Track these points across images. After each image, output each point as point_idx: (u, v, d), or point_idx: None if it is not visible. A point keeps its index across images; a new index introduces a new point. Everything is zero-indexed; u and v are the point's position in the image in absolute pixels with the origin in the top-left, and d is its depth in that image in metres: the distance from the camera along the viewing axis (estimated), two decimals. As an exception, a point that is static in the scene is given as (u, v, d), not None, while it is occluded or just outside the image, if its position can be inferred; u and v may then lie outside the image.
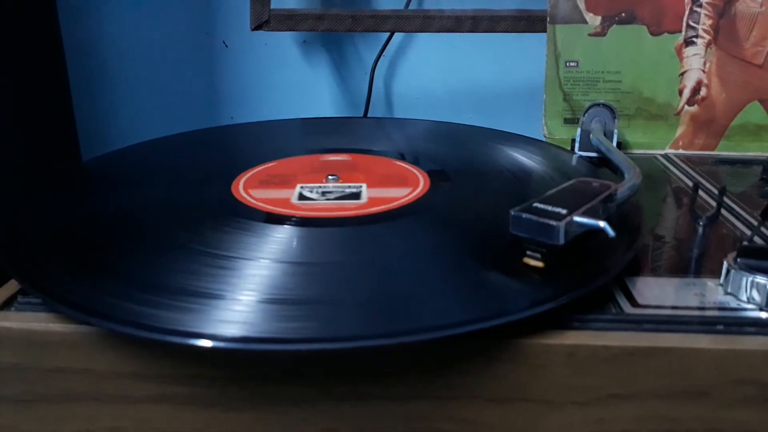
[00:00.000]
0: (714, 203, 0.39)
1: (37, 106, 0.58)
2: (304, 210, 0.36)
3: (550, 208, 0.29)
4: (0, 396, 0.28)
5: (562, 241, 0.28)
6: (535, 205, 0.29)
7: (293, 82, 0.69)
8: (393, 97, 0.69)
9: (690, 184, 0.43)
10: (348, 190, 0.38)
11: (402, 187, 0.39)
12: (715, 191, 0.41)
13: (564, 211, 0.29)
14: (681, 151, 0.51)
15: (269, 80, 0.69)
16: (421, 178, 0.40)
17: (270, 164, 0.43)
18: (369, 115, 0.68)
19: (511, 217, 0.29)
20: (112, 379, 0.28)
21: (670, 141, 0.52)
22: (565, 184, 0.32)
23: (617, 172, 0.41)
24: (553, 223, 0.28)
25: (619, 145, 0.47)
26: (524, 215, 0.29)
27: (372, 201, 0.37)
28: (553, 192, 0.31)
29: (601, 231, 0.28)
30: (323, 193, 0.38)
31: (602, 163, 0.45)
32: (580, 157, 0.46)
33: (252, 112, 0.70)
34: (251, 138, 0.50)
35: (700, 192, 0.41)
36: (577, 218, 0.28)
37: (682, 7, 0.50)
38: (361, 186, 0.39)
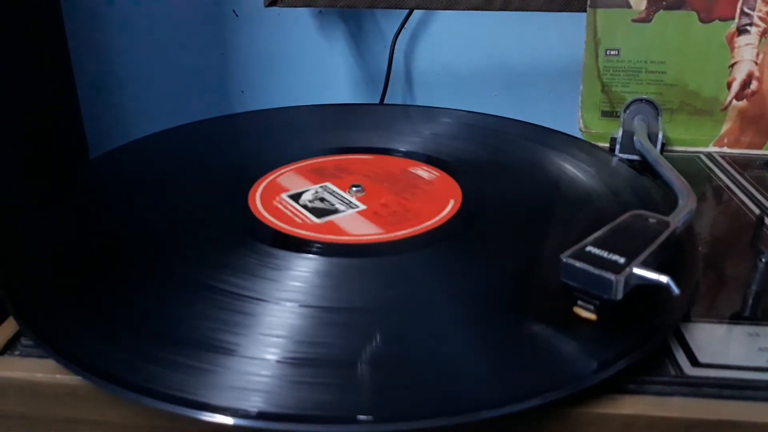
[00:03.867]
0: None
1: (38, 82, 0.55)
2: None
3: (605, 254, 0.26)
4: (6, 447, 0.27)
5: (620, 296, 0.25)
6: (589, 249, 0.27)
7: (307, 54, 0.65)
8: (414, 73, 0.65)
9: (749, 205, 0.40)
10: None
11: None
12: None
13: (622, 260, 0.26)
14: (725, 149, 0.48)
15: (282, 52, 0.65)
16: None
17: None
18: (388, 91, 0.64)
19: (562, 264, 0.26)
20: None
21: (715, 138, 0.48)
22: (618, 220, 0.29)
23: (657, 179, 0.38)
24: (610, 277, 0.25)
25: (663, 145, 0.44)
26: (577, 264, 0.26)
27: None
28: (606, 231, 0.28)
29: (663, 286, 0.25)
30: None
31: (644, 168, 0.41)
32: (622, 161, 0.42)
33: (263, 86, 0.66)
34: (264, 133, 0.46)
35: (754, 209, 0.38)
36: (636, 271, 0.25)
37: (737, -8, 0.46)
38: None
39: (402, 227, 0.33)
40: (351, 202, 0.36)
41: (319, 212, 0.35)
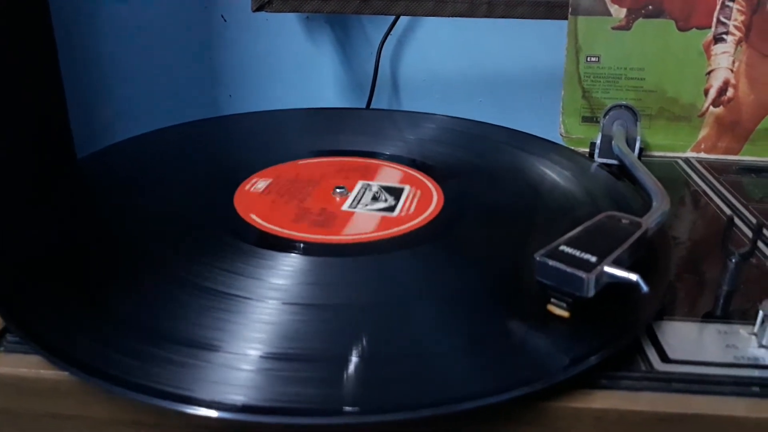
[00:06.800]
0: (742, 226, 0.37)
1: (26, 84, 0.55)
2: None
3: (578, 253, 0.27)
4: (-11, 441, 0.27)
5: (591, 293, 0.26)
6: (562, 248, 0.27)
7: (295, 60, 0.66)
8: (400, 79, 0.66)
9: (724, 209, 0.41)
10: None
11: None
12: (745, 212, 0.40)
13: (593, 259, 0.27)
14: (702, 155, 0.49)
15: (270, 57, 0.66)
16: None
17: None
18: (374, 97, 0.65)
19: (536, 262, 0.27)
20: (110, 426, 0.26)
21: (692, 143, 0.49)
22: (593, 221, 0.30)
23: (635, 183, 0.39)
24: (581, 274, 0.26)
25: (641, 150, 0.45)
26: (550, 262, 0.27)
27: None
28: (580, 231, 0.29)
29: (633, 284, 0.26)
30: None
31: (623, 172, 0.42)
32: (601, 167, 0.43)
33: (251, 91, 0.66)
34: (250, 136, 0.47)
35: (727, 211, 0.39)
36: (607, 269, 0.26)
37: (713, 2, 0.47)
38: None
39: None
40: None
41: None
